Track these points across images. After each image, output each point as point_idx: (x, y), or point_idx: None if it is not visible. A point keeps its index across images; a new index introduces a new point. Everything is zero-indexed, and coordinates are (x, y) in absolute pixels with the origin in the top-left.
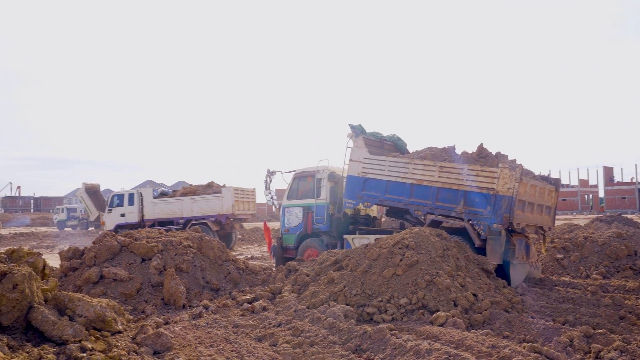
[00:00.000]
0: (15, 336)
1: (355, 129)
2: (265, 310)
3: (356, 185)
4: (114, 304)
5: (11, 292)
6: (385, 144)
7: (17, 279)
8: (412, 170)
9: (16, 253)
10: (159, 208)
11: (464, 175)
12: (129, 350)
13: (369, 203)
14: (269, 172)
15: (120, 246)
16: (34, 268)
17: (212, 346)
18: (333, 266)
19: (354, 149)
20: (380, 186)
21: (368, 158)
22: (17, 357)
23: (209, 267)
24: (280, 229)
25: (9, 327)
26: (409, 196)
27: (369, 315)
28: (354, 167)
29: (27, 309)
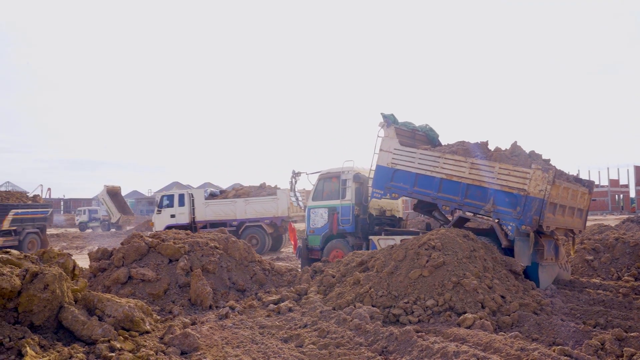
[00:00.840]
0: (46, 335)
1: (387, 119)
2: (291, 311)
3: (385, 175)
4: (142, 304)
5: (42, 292)
6: (417, 135)
7: (48, 280)
8: (443, 165)
9: (47, 254)
10: (211, 209)
11: (495, 173)
12: (156, 350)
13: (396, 195)
14: (294, 173)
15: (147, 247)
16: (64, 269)
17: (239, 347)
18: (359, 267)
19: (385, 138)
20: (409, 178)
21: (398, 149)
22: (48, 356)
23: (235, 268)
24: (306, 230)
25: (40, 327)
26: (438, 190)
27: (395, 316)
28: (384, 157)
29: (57, 309)
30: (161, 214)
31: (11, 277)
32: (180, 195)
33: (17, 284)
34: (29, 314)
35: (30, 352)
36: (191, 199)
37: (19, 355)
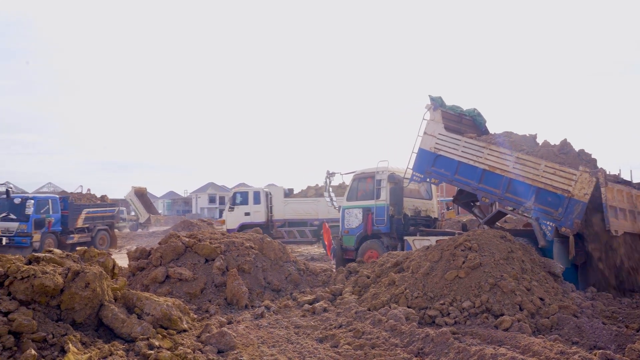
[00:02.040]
0: (87, 333)
1: (434, 101)
2: (326, 312)
3: (426, 159)
4: (179, 303)
5: (83, 291)
6: (464, 119)
7: (89, 278)
8: (487, 156)
9: (88, 253)
10: (291, 208)
11: (540, 171)
12: (194, 349)
13: (436, 180)
14: (329, 173)
15: (184, 247)
16: (104, 267)
17: (274, 346)
18: (394, 268)
19: (430, 122)
20: (450, 165)
21: (443, 134)
22: (90, 352)
23: (270, 268)
24: (340, 230)
25: (81, 324)
26: (479, 181)
27: (430, 318)
28: (427, 140)
29: (98, 307)
30: (234, 212)
31: (54, 276)
32: (256, 193)
33: (59, 282)
34: (71, 312)
35: (73, 349)
36: (268, 197)
37: (61, 352)
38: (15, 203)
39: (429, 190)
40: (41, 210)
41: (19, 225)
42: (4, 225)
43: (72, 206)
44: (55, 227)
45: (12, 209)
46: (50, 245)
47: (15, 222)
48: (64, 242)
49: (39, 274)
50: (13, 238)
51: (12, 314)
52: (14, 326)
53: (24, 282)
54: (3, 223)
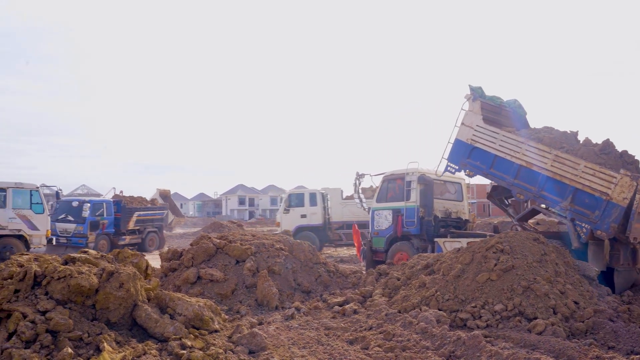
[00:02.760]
0: (121, 332)
1: (474, 91)
2: (356, 313)
3: (462, 151)
4: (211, 304)
5: (118, 291)
6: (504, 110)
7: (123, 278)
8: (525, 151)
9: (122, 254)
10: (350, 210)
11: (579, 171)
12: (225, 349)
13: (471, 172)
14: (358, 175)
15: (216, 248)
16: (138, 268)
17: (305, 347)
18: (424, 270)
19: (469, 112)
20: (486, 158)
21: (481, 126)
22: (124, 351)
23: (300, 270)
24: (370, 232)
25: (116, 324)
26: (515, 177)
27: (462, 320)
28: (465, 131)
29: (132, 306)
30: (289, 214)
31: (89, 276)
32: (312, 194)
33: (94, 282)
34: (106, 311)
35: (108, 348)
36: (325, 198)
37: (96, 350)
38: (73, 206)
39: (459, 192)
40: (96, 212)
41: (75, 227)
42: (62, 226)
43: (125, 209)
44: (108, 229)
45: (70, 211)
46: (103, 246)
47: (73, 224)
48: (117, 243)
49: (75, 274)
50: (70, 238)
51: (49, 313)
52: (51, 325)
53: (61, 282)
54: (62, 224)
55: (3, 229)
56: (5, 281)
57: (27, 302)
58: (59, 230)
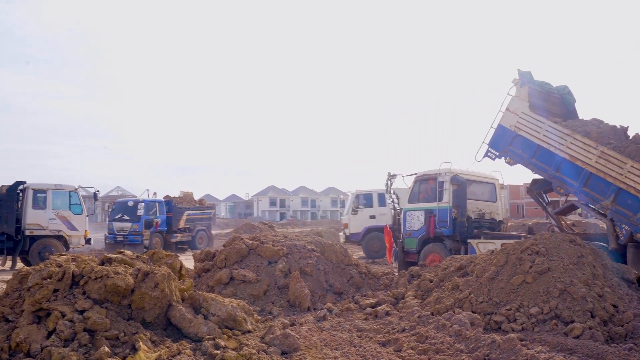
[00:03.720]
0: (156, 331)
1: (522, 77)
2: (389, 315)
3: (504, 137)
4: (243, 305)
5: (153, 291)
6: (552, 97)
7: (158, 279)
8: (569, 144)
9: (156, 255)
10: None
11: (625, 170)
12: (258, 350)
13: (512, 160)
14: (390, 175)
15: (248, 249)
16: (172, 269)
17: (337, 349)
18: (457, 272)
19: (515, 98)
20: (529, 147)
21: (526, 114)
22: (159, 351)
23: (331, 271)
24: (402, 233)
25: (151, 323)
26: (557, 170)
27: (496, 323)
28: (509, 117)
29: (166, 306)
30: (358, 215)
31: (125, 276)
32: (381, 194)
33: (130, 282)
34: (141, 311)
35: (143, 347)
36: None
37: (132, 349)
38: (129, 206)
39: (493, 192)
40: (150, 212)
41: (131, 225)
42: (119, 225)
43: (176, 209)
44: (161, 227)
45: (126, 211)
46: (157, 244)
47: (129, 223)
48: (169, 240)
49: (112, 274)
50: (127, 236)
51: (86, 312)
52: (88, 324)
53: (98, 282)
54: (118, 223)
55: (43, 229)
56: (44, 281)
57: (65, 302)
58: (116, 229)
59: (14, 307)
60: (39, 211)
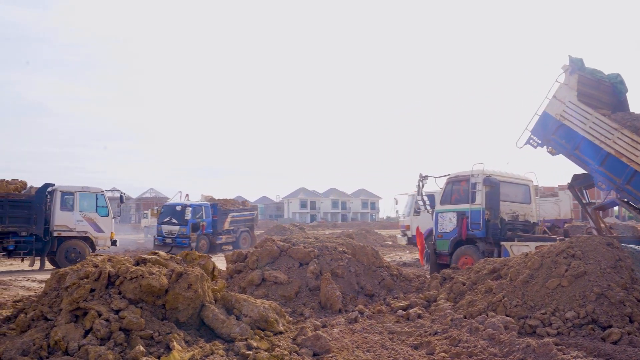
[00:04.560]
0: (190, 331)
1: (573, 63)
2: (421, 318)
3: (548, 125)
4: (275, 306)
5: (186, 291)
6: (602, 85)
7: (191, 279)
8: (616, 139)
9: (189, 256)
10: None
11: None
12: (290, 351)
13: (554, 150)
14: (421, 177)
15: (279, 251)
16: (205, 270)
17: (369, 351)
18: (491, 275)
19: (563, 86)
20: (573, 138)
21: (573, 103)
22: (192, 350)
23: (363, 273)
24: (434, 235)
25: (184, 323)
26: (600, 164)
27: (531, 327)
28: (555, 105)
29: (199, 307)
30: (420, 216)
31: (159, 277)
32: None
33: (164, 282)
34: (175, 311)
35: (177, 347)
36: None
37: (167, 349)
38: (176, 210)
39: (527, 194)
40: (196, 215)
41: (179, 229)
42: (167, 229)
43: (220, 211)
44: (207, 230)
45: (173, 214)
46: (204, 246)
47: (177, 226)
48: (214, 242)
49: (146, 275)
50: (175, 239)
51: (122, 312)
52: (124, 323)
53: (133, 282)
54: (167, 226)
55: (71, 230)
56: (81, 280)
57: (101, 301)
58: (165, 232)
59: (53, 306)
60: (67, 213)
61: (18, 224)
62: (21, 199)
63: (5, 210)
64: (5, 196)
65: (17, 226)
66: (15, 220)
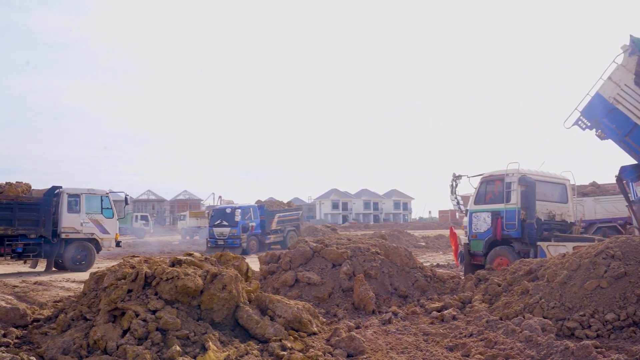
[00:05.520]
0: (224, 332)
1: (634, 44)
2: (455, 320)
3: (600, 107)
4: (309, 307)
5: (221, 292)
6: None
7: (226, 280)
8: None
9: (224, 257)
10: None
11: None
12: (324, 352)
13: (603, 134)
14: (455, 176)
15: (312, 252)
16: (239, 271)
17: (403, 352)
18: (527, 276)
19: (620, 67)
20: (625, 124)
21: (629, 87)
22: (228, 350)
23: (396, 274)
24: (468, 235)
25: (219, 324)
26: None
27: (569, 330)
28: (609, 87)
29: (234, 307)
30: None
31: (195, 277)
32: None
33: (199, 283)
34: (210, 312)
35: (213, 347)
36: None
37: (202, 349)
38: (227, 212)
39: (563, 193)
40: (245, 217)
41: (230, 230)
42: (218, 231)
43: (268, 212)
44: (256, 230)
45: (224, 217)
46: (253, 246)
47: (227, 228)
48: (264, 242)
49: (182, 276)
50: (226, 240)
51: (158, 312)
52: (160, 323)
53: (169, 283)
54: (218, 229)
55: (78, 232)
56: (119, 281)
57: (138, 302)
58: (216, 234)
59: (91, 306)
60: (74, 215)
61: (27, 226)
62: (30, 202)
63: (14, 213)
64: (15, 199)
65: (26, 229)
66: (24, 222)
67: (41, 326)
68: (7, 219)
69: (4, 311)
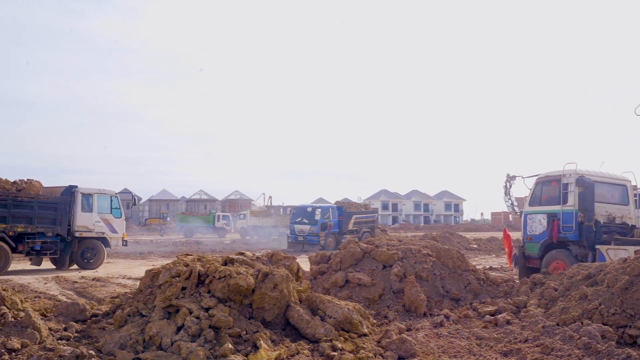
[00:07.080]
0: (275, 331)
1: None
2: (510, 324)
3: None
4: (359, 308)
5: (272, 291)
6: None
7: (277, 280)
8: None
9: (275, 256)
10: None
11: None
12: (375, 353)
13: None
14: (509, 177)
15: (363, 253)
16: (290, 270)
17: (456, 356)
18: (585, 281)
19: None
20: None
21: None
22: (279, 350)
23: (448, 276)
24: (522, 237)
25: (270, 323)
26: None
27: (631, 337)
28: None
29: (285, 307)
30: None
31: (247, 276)
32: None
33: (251, 282)
34: (261, 311)
35: (264, 345)
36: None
37: (254, 347)
38: (307, 211)
39: (624, 194)
40: (325, 216)
41: (310, 228)
42: (299, 228)
43: (345, 213)
44: (334, 229)
45: (305, 215)
46: (330, 243)
47: (307, 225)
48: (340, 240)
49: (234, 275)
50: (306, 237)
51: (211, 310)
52: (213, 321)
53: (221, 282)
54: (298, 226)
55: (90, 231)
56: (173, 279)
57: (192, 299)
58: (297, 231)
59: (147, 302)
60: (87, 214)
61: (45, 224)
62: (49, 200)
63: (34, 211)
64: (35, 197)
65: (44, 227)
66: (43, 221)
67: (99, 321)
68: (27, 217)
69: (65, 306)
